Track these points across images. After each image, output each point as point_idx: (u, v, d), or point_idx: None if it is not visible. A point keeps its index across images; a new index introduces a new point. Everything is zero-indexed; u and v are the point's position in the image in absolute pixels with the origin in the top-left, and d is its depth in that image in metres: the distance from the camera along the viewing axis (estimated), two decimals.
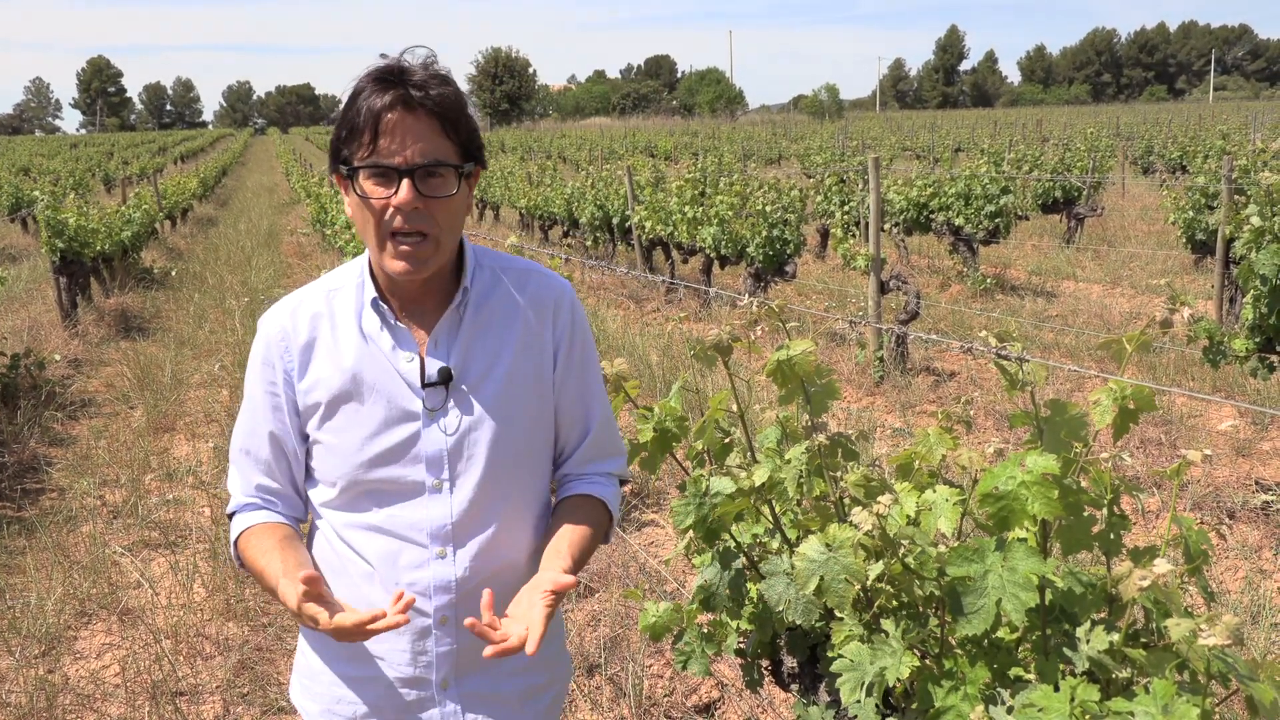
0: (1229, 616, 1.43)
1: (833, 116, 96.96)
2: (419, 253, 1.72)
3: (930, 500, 1.90)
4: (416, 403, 1.80)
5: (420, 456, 1.79)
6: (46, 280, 13.75)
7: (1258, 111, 47.50)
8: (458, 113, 1.72)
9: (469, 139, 1.75)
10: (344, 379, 1.80)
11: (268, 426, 1.87)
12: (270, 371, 1.86)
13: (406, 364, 1.80)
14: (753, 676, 2.33)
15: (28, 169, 40.22)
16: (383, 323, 1.82)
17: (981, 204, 12.48)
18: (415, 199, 1.68)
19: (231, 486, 1.95)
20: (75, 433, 7.95)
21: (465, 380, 1.82)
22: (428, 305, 1.84)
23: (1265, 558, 5.18)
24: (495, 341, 1.85)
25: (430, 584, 1.82)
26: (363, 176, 1.70)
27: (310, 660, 1.96)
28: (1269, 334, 5.29)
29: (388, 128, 1.67)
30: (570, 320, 1.92)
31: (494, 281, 1.89)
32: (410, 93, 1.67)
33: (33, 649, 4.63)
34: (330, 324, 1.84)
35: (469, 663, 1.85)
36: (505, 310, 1.87)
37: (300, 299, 1.89)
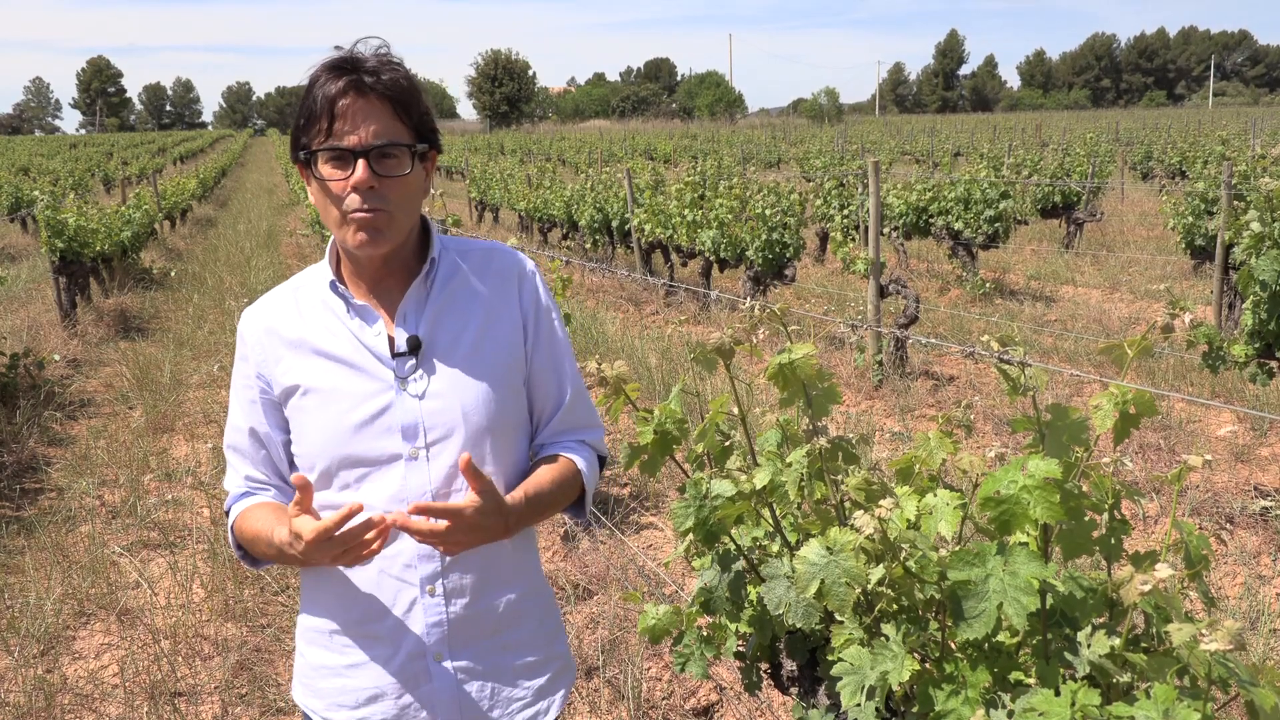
0: (1230, 622, 1.43)
1: (832, 120, 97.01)
2: (375, 223, 1.78)
3: (931, 504, 1.90)
4: (387, 373, 1.85)
5: (395, 426, 1.83)
6: (46, 280, 13.75)
7: (1257, 117, 47.55)
8: (409, 96, 1.80)
9: (421, 121, 1.82)
10: (315, 361, 1.87)
11: (248, 422, 1.94)
12: (245, 366, 1.94)
13: (374, 338, 1.86)
14: (752, 679, 2.33)
15: (27, 169, 40.21)
16: (346, 305, 1.88)
17: (981, 208, 12.48)
18: (370, 178, 1.75)
19: (227, 483, 2.02)
20: (74, 433, 7.95)
21: (434, 349, 1.87)
22: (393, 285, 1.91)
23: (1264, 563, 5.18)
24: (463, 311, 1.91)
25: (414, 553, 1.86)
26: (321, 161, 1.77)
27: (309, 658, 1.98)
28: (1268, 339, 5.29)
29: (342, 112, 1.74)
30: (534, 291, 1.98)
31: (460, 259, 1.96)
32: (363, 78, 1.75)
33: (31, 649, 4.63)
34: (298, 313, 1.92)
35: (462, 635, 1.89)
36: (471, 283, 1.94)
37: (270, 299, 1.98)
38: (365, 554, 1.70)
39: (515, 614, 1.96)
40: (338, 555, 1.68)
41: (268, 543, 1.81)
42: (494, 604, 1.92)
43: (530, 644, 1.99)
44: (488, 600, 1.91)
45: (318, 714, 1.96)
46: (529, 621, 1.99)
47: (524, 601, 1.98)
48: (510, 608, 1.95)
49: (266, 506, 1.90)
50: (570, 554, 5.44)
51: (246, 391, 1.93)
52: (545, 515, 1.96)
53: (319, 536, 1.64)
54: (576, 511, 2.07)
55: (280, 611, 4.96)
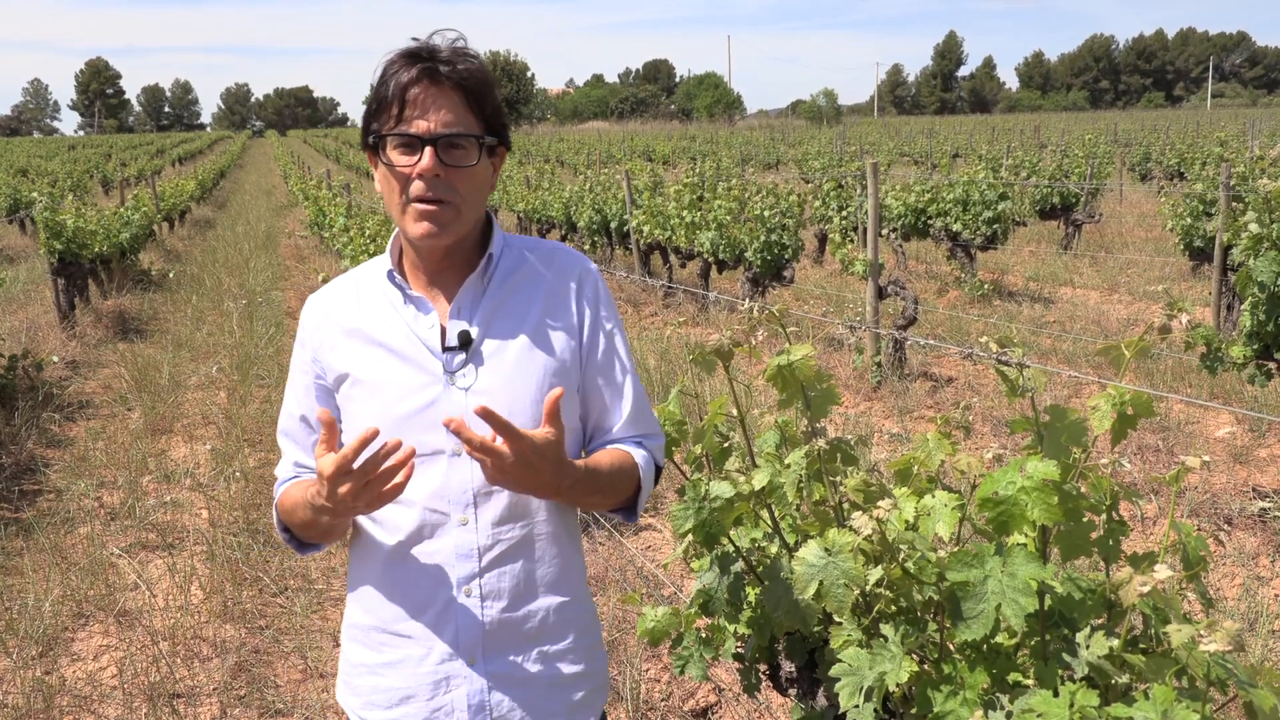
0: (1229, 623, 1.43)
1: (831, 122, 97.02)
2: (440, 215, 1.77)
3: (929, 505, 1.90)
4: (437, 366, 1.83)
5: (440, 420, 1.79)
6: (44, 282, 13.74)
7: (1255, 118, 47.60)
8: (483, 88, 1.79)
9: (493, 115, 1.82)
10: (369, 349, 1.86)
11: (300, 408, 1.95)
12: (303, 351, 1.95)
13: (427, 330, 1.85)
14: (750, 681, 2.33)
15: (26, 170, 40.19)
16: (403, 295, 1.88)
17: (979, 210, 12.49)
18: (437, 166, 1.74)
19: (278, 470, 2.02)
20: (73, 434, 7.95)
21: (486, 345, 1.85)
22: (451, 277, 1.89)
23: (1263, 564, 5.18)
24: (519, 309, 1.89)
25: (453, 552, 1.82)
26: (389, 146, 1.77)
27: (348, 654, 1.97)
28: (1267, 341, 5.29)
29: (414, 99, 1.74)
30: (595, 295, 1.95)
31: (521, 258, 1.94)
32: (437, 66, 1.75)
33: (30, 650, 4.63)
34: (357, 302, 1.92)
35: (497, 640, 1.85)
36: (531, 281, 1.92)
37: (333, 287, 1.99)
38: (391, 488, 1.65)
39: (555, 623, 1.90)
40: (362, 492, 1.63)
41: (305, 505, 1.78)
42: (533, 611, 1.87)
43: (569, 657, 1.93)
44: (526, 605, 1.86)
45: (355, 712, 1.94)
46: (569, 633, 1.93)
47: (565, 610, 1.92)
48: (550, 616, 1.90)
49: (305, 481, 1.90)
50: None
51: (302, 377, 1.94)
52: (597, 498, 1.88)
53: (338, 469, 1.60)
54: (628, 513, 1.99)
55: (279, 613, 4.96)
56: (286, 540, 1.96)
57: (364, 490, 1.63)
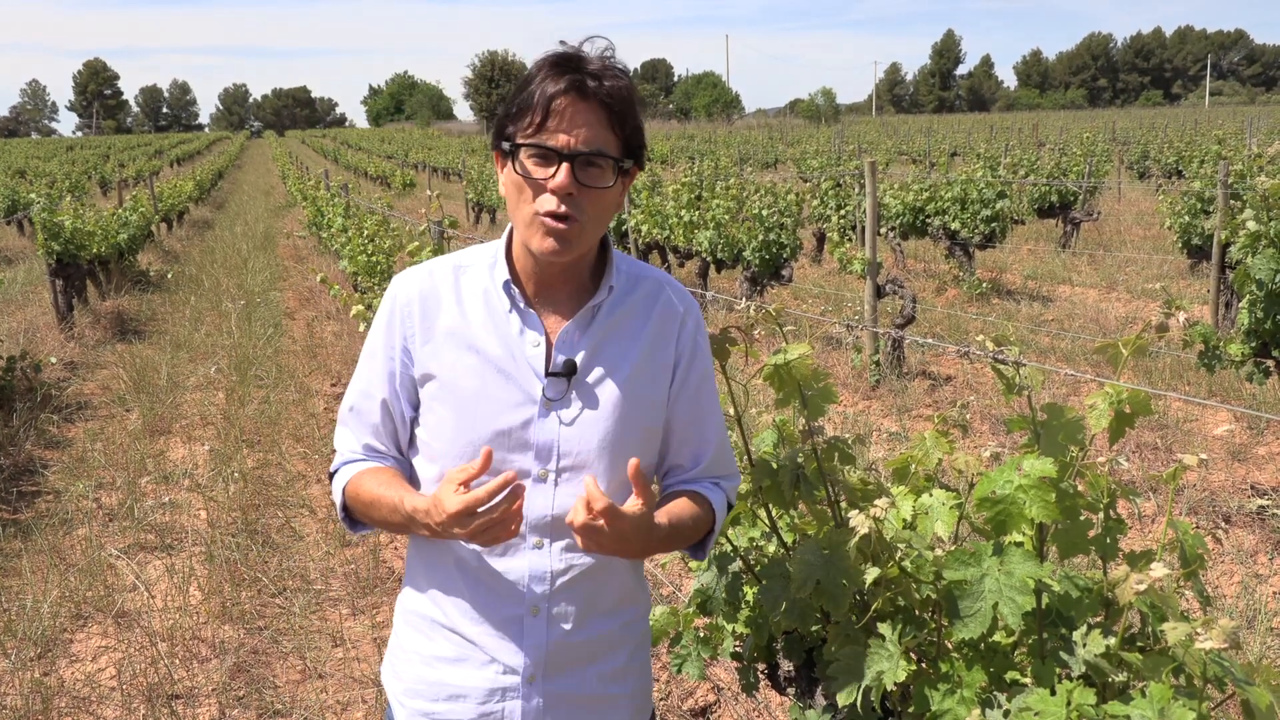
0: (1225, 620, 1.43)
1: (829, 121, 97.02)
2: (568, 234, 1.73)
3: (927, 504, 1.91)
4: (537, 389, 1.79)
5: (531, 444, 1.78)
6: (42, 283, 13.73)
7: (1253, 116, 47.59)
8: (627, 107, 1.75)
9: (633, 135, 1.77)
10: (465, 355, 1.81)
11: (380, 390, 1.88)
12: (391, 335, 1.87)
13: (533, 348, 1.81)
14: (749, 680, 2.33)
15: (24, 171, 40.20)
16: (512, 305, 1.83)
17: (977, 208, 12.50)
18: (571, 184, 1.70)
19: (339, 443, 1.95)
20: (71, 435, 7.94)
21: (588, 376, 1.82)
22: (561, 295, 1.85)
23: (1261, 562, 5.19)
24: (624, 343, 1.85)
25: (525, 573, 1.81)
26: (524, 154, 1.72)
27: (401, 638, 1.96)
28: (1265, 338, 5.29)
29: (558, 110, 1.70)
30: (694, 335, 1.92)
31: (630, 286, 1.90)
32: (586, 80, 1.70)
33: (28, 651, 4.62)
34: (456, 298, 1.85)
35: (559, 660, 1.84)
36: (637, 315, 1.88)
37: (429, 269, 1.90)
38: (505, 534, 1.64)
39: (612, 642, 1.90)
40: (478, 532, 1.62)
41: (392, 508, 1.76)
42: (595, 633, 1.87)
43: (622, 677, 1.93)
44: (590, 628, 1.86)
45: (395, 695, 1.93)
46: (624, 651, 1.93)
47: (623, 630, 1.92)
48: (609, 635, 1.89)
49: (389, 472, 1.86)
50: None
51: (387, 361, 1.87)
52: (676, 547, 1.89)
53: (466, 509, 1.58)
54: (696, 551, 1.97)
55: (277, 614, 4.96)
56: (343, 519, 1.93)
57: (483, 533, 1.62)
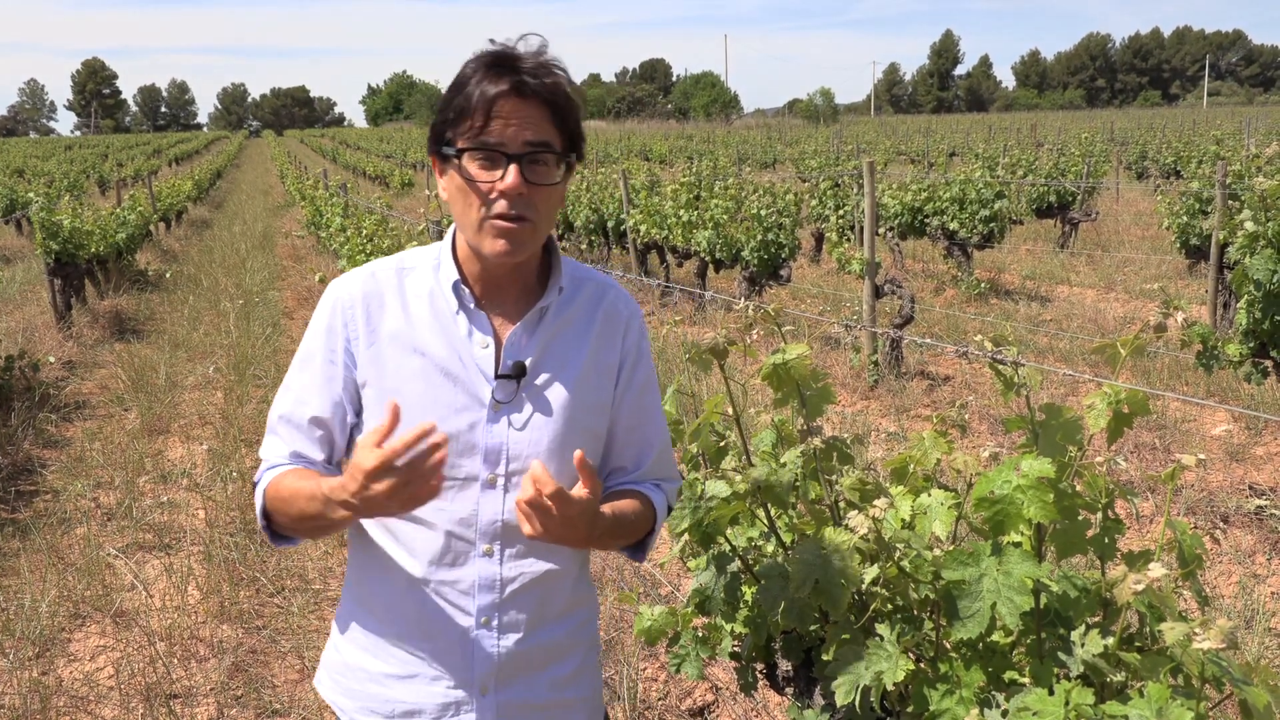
0: (1223, 621, 1.44)
1: (827, 121, 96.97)
2: (520, 234, 1.71)
3: (925, 504, 1.91)
4: (486, 391, 1.77)
5: (479, 448, 1.76)
6: (41, 282, 13.72)
7: (1251, 117, 47.63)
8: (568, 102, 1.73)
9: (575, 129, 1.76)
10: (410, 358, 1.78)
11: (315, 397, 1.82)
12: (332, 338, 1.82)
13: (481, 350, 1.79)
14: (747, 680, 2.33)
15: (22, 171, 40.19)
16: (460, 306, 1.80)
17: (976, 209, 12.50)
18: (521, 184, 1.68)
19: (265, 452, 1.86)
20: (69, 435, 7.94)
21: (537, 379, 1.80)
22: (508, 297, 1.83)
23: (1259, 562, 5.19)
24: (570, 346, 1.84)
25: (474, 582, 1.79)
26: (468, 159, 1.70)
27: (346, 656, 1.92)
28: (1263, 339, 5.30)
29: (499, 112, 1.68)
30: (638, 340, 1.92)
31: (575, 288, 1.89)
32: (525, 79, 1.68)
33: (26, 651, 4.62)
34: (400, 300, 1.82)
35: (510, 670, 1.83)
36: (583, 318, 1.87)
37: (371, 271, 1.86)
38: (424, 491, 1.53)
39: (563, 648, 1.90)
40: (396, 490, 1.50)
41: (310, 496, 1.66)
42: (546, 640, 1.86)
43: (574, 681, 1.93)
44: (540, 635, 1.85)
45: (346, 713, 1.91)
46: (575, 656, 1.93)
47: (572, 636, 1.92)
48: (559, 641, 1.89)
49: (310, 471, 1.77)
50: None
51: (327, 367, 1.81)
52: (616, 542, 1.86)
53: (382, 464, 1.48)
54: (635, 552, 1.96)
55: (276, 613, 4.96)
56: (265, 528, 1.83)
57: (403, 489, 1.51)
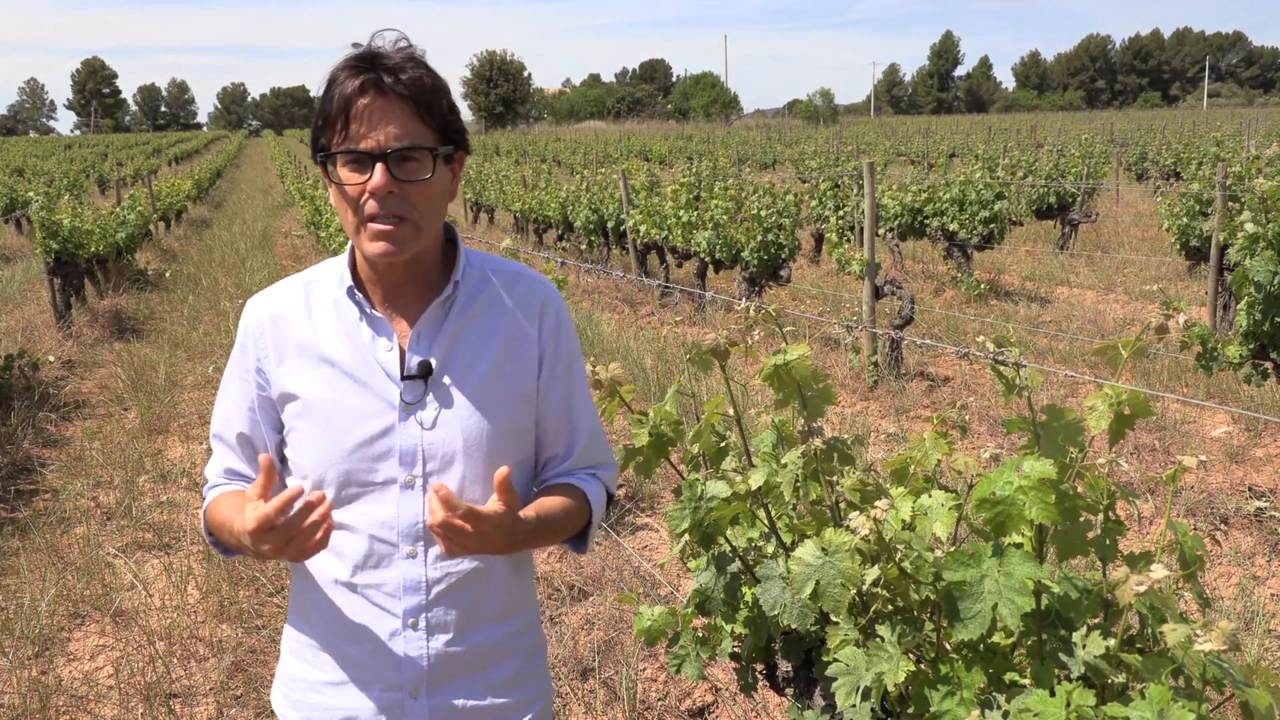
0: (1225, 622, 1.44)
1: (827, 121, 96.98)
2: (397, 234, 1.70)
3: (926, 505, 1.90)
4: (394, 394, 1.76)
5: (393, 450, 1.75)
6: (40, 281, 13.71)
7: (1252, 118, 47.63)
8: (432, 94, 1.70)
9: (445, 121, 1.73)
10: (319, 369, 1.78)
11: (239, 416, 1.86)
12: (244, 358, 1.85)
13: (385, 353, 1.78)
14: (747, 680, 2.33)
15: (22, 170, 40.22)
16: (360, 312, 1.80)
17: (976, 209, 12.50)
18: (389, 183, 1.66)
19: (207, 471, 1.94)
20: (69, 434, 7.94)
21: (445, 375, 1.78)
22: (410, 296, 1.82)
23: (1259, 564, 5.19)
24: (479, 339, 1.82)
25: (399, 584, 1.78)
26: (339, 163, 1.69)
27: (289, 667, 1.93)
28: (1263, 340, 5.30)
29: (360, 113, 1.66)
30: (556, 324, 1.89)
31: (483, 281, 1.86)
32: (382, 77, 1.66)
33: (26, 650, 4.62)
34: (307, 313, 1.82)
35: (442, 672, 1.81)
36: (492, 309, 1.84)
37: (278, 289, 1.87)
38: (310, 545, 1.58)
39: (500, 652, 1.87)
40: (285, 547, 1.56)
41: (229, 532, 1.72)
42: (478, 642, 1.83)
43: (513, 685, 1.90)
44: (472, 637, 1.82)
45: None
46: (514, 660, 1.90)
47: (511, 639, 1.89)
48: (495, 646, 1.86)
49: (237, 496, 1.81)
50: (566, 555, 5.44)
51: (243, 386, 1.85)
52: (549, 541, 1.86)
53: (260, 526, 1.54)
54: (578, 544, 1.95)
55: (275, 613, 4.96)
56: (212, 544, 1.89)
57: (287, 546, 1.57)
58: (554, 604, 4.94)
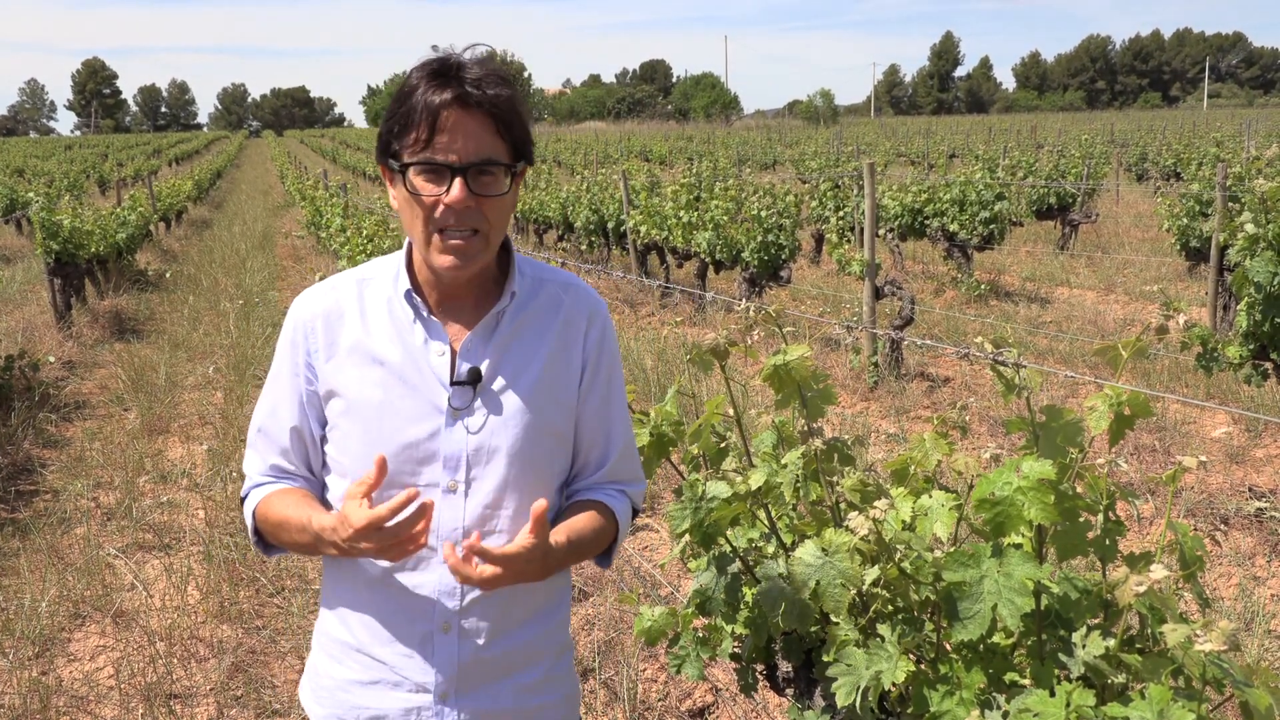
0: (1225, 622, 1.44)
1: (828, 122, 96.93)
2: (469, 248, 1.72)
3: (926, 505, 1.91)
4: (443, 398, 1.78)
5: (438, 455, 1.77)
6: (41, 282, 13.72)
7: (1252, 119, 47.63)
8: (513, 112, 1.72)
9: (521, 138, 1.75)
10: (370, 368, 1.80)
11: (286, 410, 1.86)
12: (295, 353, 1.86)
13: (437, 358, 1.79)
14: (748, 681, 2.33)
15: (22, 170, 40.21)
16: (415, 315, 1.81)
17: (976, 210, 12.50)
18: (468, 197, 1.68)
19: (247, 467, 1.92)
20: (69, 435, 7.94)
21: (494, 382, 1.80)
22: (466, 303, 1.84)
23: (1259, 564, 5.19)
24: (529, 348, 1.83)
25: (435, 588, 1.79)
26: (413, 172, 1.69)
27: (319, 662, 1.93)
28: (1263, 341, 5.30)
29: (444, 125, 1.67)
30: (600, 338, 1.91)
31: (534, 289, 1.88)
32: (467, 90, 1.67)
33: (26, 651, 4.62)
34: (360, 312, 1.83)
35: (473, 675, 1.82)
36: (542, 319, 1.86)
37: (333, 285, 1.89)
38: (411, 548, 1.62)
39: (530, 654, 1.88)
40: (385, 548, 1.60)
41: (300, 528, 1.73)
42: (509, 646, 1.84)
43: (542, 687, 1.91)
44: (503, 642, 1.83)
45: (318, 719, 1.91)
46: (543, 661, 1.91)
47: (540, 641, 1.90)
48: (526, 649, 1.87)
49: (297, 493, 1.83)
50: None
51: (293, 380, 1.86)
52: (579, 560, 1.87)
53: (371, 524, 1.56)
54: (603, 559, 1.96)
55: (276, 614, 4.96)
56: (255, 543, 1.90)
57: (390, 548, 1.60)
58: None
